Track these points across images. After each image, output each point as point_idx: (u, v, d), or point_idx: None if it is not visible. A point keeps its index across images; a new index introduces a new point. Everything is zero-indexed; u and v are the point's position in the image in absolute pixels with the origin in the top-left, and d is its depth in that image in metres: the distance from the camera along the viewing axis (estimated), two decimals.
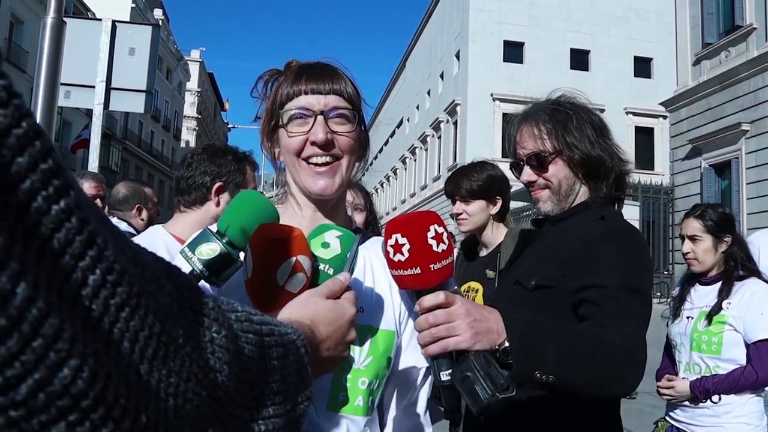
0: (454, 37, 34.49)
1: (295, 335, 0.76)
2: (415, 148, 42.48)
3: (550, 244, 1.83)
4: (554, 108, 1.87)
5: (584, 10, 32.42)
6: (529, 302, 1.74)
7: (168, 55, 48.92)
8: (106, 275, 0.44)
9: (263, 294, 1.02)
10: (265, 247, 1.01)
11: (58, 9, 4.90)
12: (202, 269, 1.08)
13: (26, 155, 0.39)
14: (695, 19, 19.53)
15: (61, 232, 0.41)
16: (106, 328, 0.44)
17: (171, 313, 0.54)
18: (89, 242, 0.43)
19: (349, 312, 0.95)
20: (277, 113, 1.31)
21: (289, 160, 1.31)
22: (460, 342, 1.20)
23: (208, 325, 0.60)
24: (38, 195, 0.40)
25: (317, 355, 0.83)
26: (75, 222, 0.42)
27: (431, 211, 1.22)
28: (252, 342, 0.66)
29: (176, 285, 0.59)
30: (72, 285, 0.42)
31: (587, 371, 1.38)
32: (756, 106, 16.97)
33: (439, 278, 1.19)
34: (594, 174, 1.82)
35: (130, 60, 5.57)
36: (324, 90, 1.28)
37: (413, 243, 1.15)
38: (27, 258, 0.38)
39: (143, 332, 0.47)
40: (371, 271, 1.37)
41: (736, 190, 17.58)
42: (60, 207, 0.41)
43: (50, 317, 0.38)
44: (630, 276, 1.61)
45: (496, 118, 30.81)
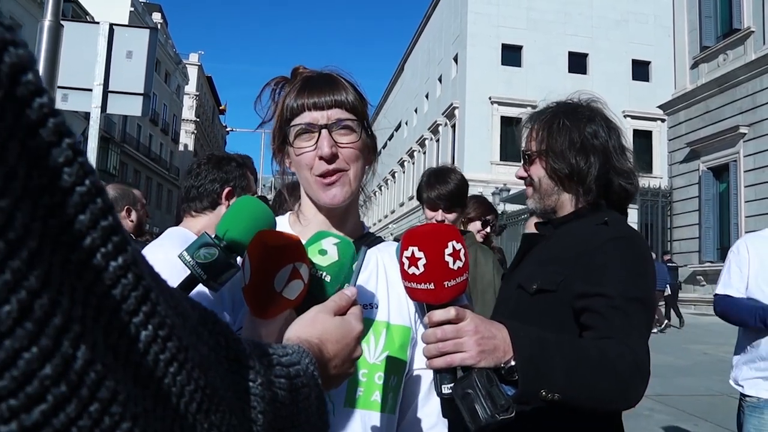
0: (452, 40, 34.56)
1: (312, 365, 0.76)
2: (414, 152, 42.52)
3: (552, 248, 1.83)
4: (553, 110, 1.91)
5: (582, 13, 32.50)
6: (531, 306, 1.74)
7: (166, 58, 48.97)
8: (158, 330, 0.44)
9: (261, 300, 1.01)
10: (262, 253, 1.00)
11: (56, 12, 4.90)
12: (200, 273, 1.09)
13: (88, 212, 0.39)
14: (693, 23, 19.58)
15: (117, 289, 0.41)
16: (155, 384, 0.44)
17: (211, 364, 0.54)
18: (144, 298, 0.43)
19: (356, 329, 0.95)
20: (284, 128, 1.34)
21: (302, 174, 1.35)
22: (466, 359, 1.20)
23: (245, 373, 0.60)
24: (98, 252, 0.40)
25: (325, 373, 0.83)
26: (131, 278, 0.42)
27: (451, 225, 1.21)
28: (284, 387, 0.67)
29: (212, 332, 0.59)
30: (125, 341, 0.42)
31: (593, 388, 1.38)
32: (754, 109, 17.01)
33: (452, 295, 1.18)
34: (569, 179, 1.83)
35: (128, 63, 5.56)
36: (326, 104, 1.30)
37: (430, 258, 1.14)
38: (86, 318, 0.38)
39: (189, 386, 0.47)
40: (384, 270, 1.39)
41: (734, 193, 17.60)
42: (118, 263, 0.41)
43: (106, 380, 0.38)
44: (634, 285, 1.60)
45: (495, 121, 30.87)
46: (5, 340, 0.33)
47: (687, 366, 9.49)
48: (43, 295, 0.34)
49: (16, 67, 0.34)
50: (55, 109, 0.38)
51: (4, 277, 0.32)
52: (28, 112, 0.36)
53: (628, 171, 1.85)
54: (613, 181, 1.83)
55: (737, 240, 3.68)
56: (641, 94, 31.48)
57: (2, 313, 0.32)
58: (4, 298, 0.32)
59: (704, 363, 9.72)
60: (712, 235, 18.60)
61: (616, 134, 1.88)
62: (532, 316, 1.73)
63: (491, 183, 27.52)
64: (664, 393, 8.21)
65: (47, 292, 0.35)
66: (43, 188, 0.36)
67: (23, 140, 0.35)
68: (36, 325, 0.34)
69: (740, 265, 3.46)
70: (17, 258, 0.33)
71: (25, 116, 0.35)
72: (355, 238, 1.42)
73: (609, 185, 1.83)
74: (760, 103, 16.78)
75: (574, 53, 32.39)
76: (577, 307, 1.63)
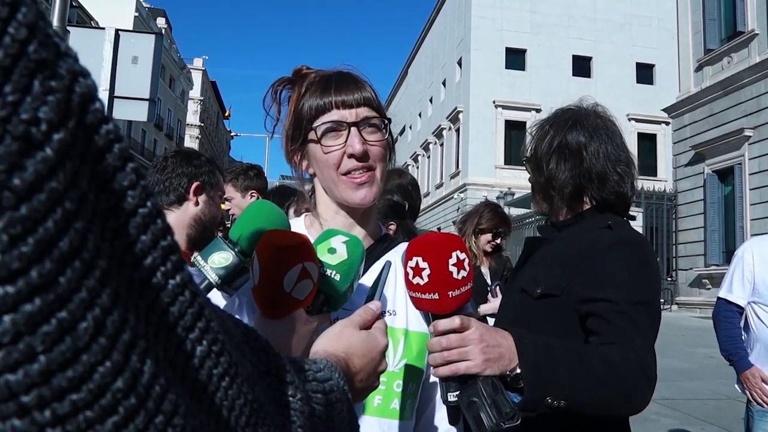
0: (456, 44, 34.59)
1: (342, 380, 0.77)
2: (418, 156, 42.55)
3: (555, 252, 1.83)
4: (551, 119, 1.93)
5: (586, 16, 32.50)
6: (535, 310, 1.74)
7: (171, 63, 49.11)
8: (212, 346, 0.46)
9: (270, 301, 1.02)
10: (271, 254, 1.00)
11: (62, 18, 4.93)
12: (215, 277, 1.09)
13: (149, 233, 0.41)
14: (697, 25, 19.55)
15: (176, 306, 0.43)
16: (208, 398, 0.46)
17: (255, 379, 0.55)
18: (199, 314, 0.45)
19: (382, 343, 0.95)
20: (305, 128, 1.31)
21: (327, 174, 1.31)
22: (471, 367, 1.20)
23: (285, 389, 0.61)
24: (158, 270, 0.42)
25: (351, 387, 0.84)
26: (188, 295, 0.44)
27: (455, 235, 1.22)
28: (321, 402, 0.68)
29: (254, 349, 0.61)
30: (182, 356, 0.44)
31: (598, 394, 1.38)
32: (759, 112, 16.95)
33: (456, 304, 1.18)
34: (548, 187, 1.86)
35: (134, 68, 5.59)
36: (355, 101, 1.28)
37: (434, 269, 1.14)
38: (149, 334, 0.40)
39: (239, 400, 0.49)
40: (401, 276, 1.37)
41: (739, 196, 17.55)
42: (176, 282, 0.43)
43: (169, 393, 0.40)
44: (639, 288, 1.60)
45: (498, 125, 30.87)
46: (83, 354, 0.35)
47: (693, 369, 9.45)
48: (114, 312, 0.36)
49: (86, 97, 0.37)
50: (120, 135, 0.40)
51: (81, 295, 0.34)
52: (96, 138, 0.38)
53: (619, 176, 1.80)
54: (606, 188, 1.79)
55: (743, 243, 3.68)
56: (645, 97, 31.43)
57: (80, 330, 0.34)
58: (81, 315, 0.34)
59: (710, 366, 9.68)
60: (718, 238, 18.52)
61: (605, 138, 1.82)
62: (537, 320, 1.73)
63: (496, 187, 27.53)
64: (670, 397, 8.18)
65: (117, 309, 0.37)
66: (109, 211, 0.39)
67: (92, 165, 0.37)
68: (109, 341, 0.36)
69: (744, 271, 3.47)
70: (91, 277, 0.35)
71: (93, 143, 0.38)
72: (375, 240, 1.41)
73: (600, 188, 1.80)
74: (765, 105, 16.72)
75: (578, 56, 32.38)
76: (582, 312, 1.63)
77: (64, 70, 0.35)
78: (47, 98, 0.34)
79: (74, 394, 0.34)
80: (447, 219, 32.40)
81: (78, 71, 0.37)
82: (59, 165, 0.34)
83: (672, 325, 15.21)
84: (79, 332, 0.34)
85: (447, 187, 34.74)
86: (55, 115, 0.34)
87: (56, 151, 0.34)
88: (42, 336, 0.33)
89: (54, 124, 0.34)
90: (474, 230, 4.49)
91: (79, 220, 0.35)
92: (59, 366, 0.34)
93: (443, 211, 34.45)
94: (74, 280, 0.34)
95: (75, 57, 0.37)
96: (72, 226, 0.34)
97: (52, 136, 0.34)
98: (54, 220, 0.33)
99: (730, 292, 3.55)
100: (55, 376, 0.34)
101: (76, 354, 0.34)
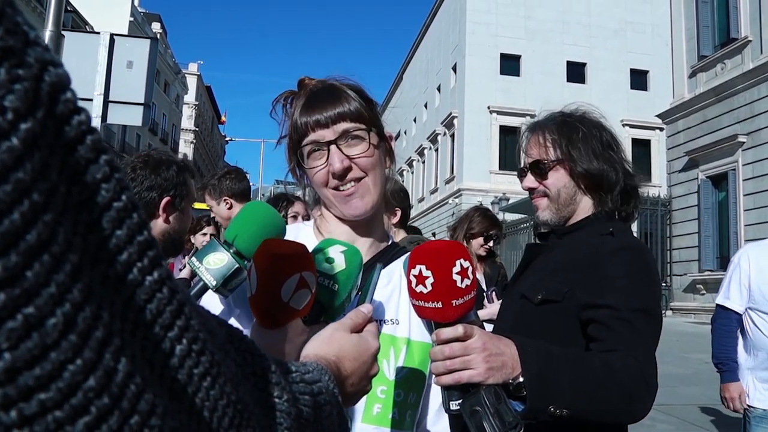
0: (451, 50, 34.67)
1: (332, 383, 0.76)
2: (413, 161, 42.58)
3: (556, 258, 1.82)
4: (563, 120, 1.90)
5: (580, 23, 32.64)
6: (536, 316, 1.73)
7: (166, 68, 49.05)
8: (192, 344, 0.45)
9: (267, 311, 1.00)
10: (269, 263, 0.99)
11: (57, 22, 4.91)
12: (210, 278, 1.08)
13: (125, 228, 0.40)
14: (691, 32, 19.63)
15: (153, 303, 0.42)
16: (189, 398, 0.45)
17: (240, 379, 0.54)
18: (178, 312, 0.44)
19: (373, 346, 0.94)
20: (295, 148, 1.32)
21: (320, 191, 1.33)
22: (474, 376, 1.20)
23: (271, 390, 0.60)
24: (134, 266, 0.41)
25: (342, 390, 0.83)
26: (166, 292, 0.43)
27: (458, 243, 1.20)
28: (308, 404, 0.67)
29: (239, 350, 0.59)
30: (160, 355, 0.43)
31: (600, 402, 1.38)
32: (752, 118, 17.03)
33: (459, 313, 1.18)
34: (597, 186, 1.81)
35: (128, 73, 5.58)
36: (330, 119, 1.27)
37: (437, 277, 1.13)
38: (125, 332, 0.39)
39: (222, 401, 0.48)
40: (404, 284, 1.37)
41: (733, 202, 17.60)
42: (153, 278, 0.42)
43: (146, 393, 0.39)
44: (640, 296, 1.60)
45: (493, 130, 30.94)
46: (51, 352, 0.33)
47: (688, 375, 9.46)
48: (85, 309, 0.35)
49: (56, 86, 0.36)
50: (93, 127, 0.39)
51: (50, 290, 0.33)
52: (67, 129, 0.37)
53: (639, 177, 1.88)
54: (635, 187, 1.86)
55: (738, 249, 3.71)
56: (640, 103, 31.57)
57: (48, 326, 0.33)
58: (50, 311, 0.33)
59: (705, 372, 9.68)
60: (712, 243, 18.56)
61: (620, 143, 1.90)
62: (538, 326, 1.72)
63: (490, 192, 27.56)
64: (666, 403, 8.17)
65: (89, 305, 0.35)
66: (82, 204, 0.38)
67: (63, 157, 0.36)
68: (80, 338, 0.35)
69: (741, 277, 3.50)
70: (61, 272, 0.34)
71: (64, 133, 0.37)
72: (382, 248, 1.41)
73: (632, 192, 1.85)
74: (758, 111, 16.80)
75: (572, 63, 32.51)
76: (584, 318, 1.62)
77: (32, 59, 0.34)
78: (14, 87, 0.33)
79: (42, 394, 0.33)
80: (441, 224, 32.40)
81: (48, 60, 0.36)
82: (26, 155, 0.33)
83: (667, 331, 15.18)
84: (47, 328, 0.33)
85: (442, 192, 34.76)
86: (22, 104, 0.33)
87: (23, 141, 0.33)
88: (7, 332, 0.32)
89: (21, 113, 0.33)
90: (465, 235, 4.50)
91: (48, 212, 0.34)
92: (26, 364, 0.32)
93: (438, 216, 34.45)
94: (42, 274, 0.33)
95: (45, 47, 0.36)
96: (40, 219, 0.33)
97: (19, 126, 0.32)
98: (20, 212, 0.32)
99: (728, 299, 3.57)
100: (21, 375, 0.32)
101: (44, 351, 0.33)
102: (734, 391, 3.52)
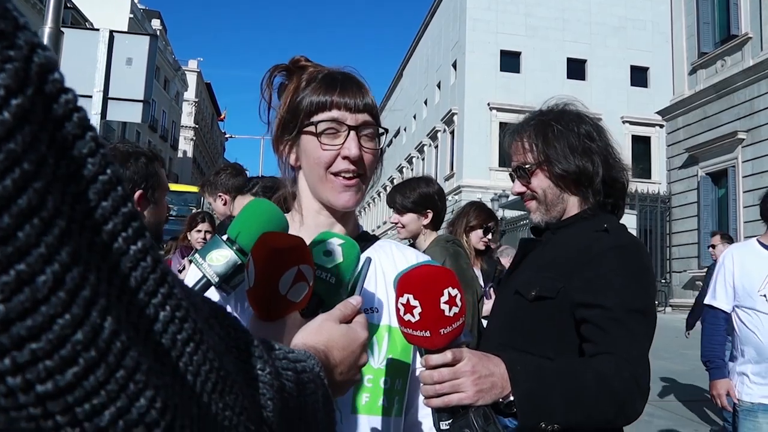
0: (451, 46, 34.62)
1: (318, 367, 0.78)
2: (413, 158, 42.53)
3: (550, 254, 1.82)
4: (539, 120, 1.89)
5: (581, 20, 32.58)
6: (529, 313, 1.74)
7: (166, 65, 48.99)
8: (175, 311, 0.48)
9: (266, 304, 1.01)
10: (267, 256, 1.00)
11: (56, 19, 4.91)
12: (213, 275, 1.09)
13: (110, 200, 0.43)
14: (691, 29, 19.61)
15: (138, 271, 0.45)
16: (173, 362, 0.47)
17: (223, 351, 0.57)
18: (161, 280, 0.47)
19: (362, 336, 0.96)
20: (302, 120, 1.29)
21: (315, 171, 1.29)
22: (463, 399, 1.21)
23: (254, 362, 0.63)
24: (119, 236, 0.44)
25: (331, 379, 0.85)
26: (150, 261, 0.46)
27: (447, 269, 1.19)
28: (291, 379, 0.69)
29: (223, 325, 0.62)
30: (145, 320, 0.45)
31: (592, 413, 1.39)
32: (752, 115, 17.01)
33: (448, 340, 1.18)
34: (578, 183, 1.82)
35: (128, 70, 5.58)
36: (358, 106, 1.27)
37: (425, 308, 1.13)
38: (111, 294, 0.42)
39: (205, 366, 0.50)
40: (382, 272, 1.37)
41: (732, 199, 17.59)
42: (138, 247, 0.45)
43: (131, 350, 0.42)
44: (635, 296, 1.60)
45: (493, 127, 30.88)
46: (42, 306, 0.37)
47: (685, 371, 9.47)
48: (73, 269, 0.38)
49: (44, 67, 0.39)
50: (80, 106, 0.42)
51: (40, 250, 0.37)
52: (55, 107, 0.39)
53: (623, 165, 1.87)
54: (617, 179, 1.85)
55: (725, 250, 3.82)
56: (640, 100, 31.52)
57: (38, 282, 0.36)
58: (40, 268, 0.37)
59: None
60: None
61: (603, 131, 1.89)
62: (531, 323, 1.73)
63: (490, 189, 27.52)
64: (663, 398, 8.20)
65: (77, 267, 0.39)
66: (70, 177, 0.40)
67: (51, 132, 0.39)
68: (68, 295, 0.38)
69: (725, 276, 3.63)
70: (50, 234, 0.37)
71: (53, 110, 0.39)
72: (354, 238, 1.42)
73: (613, 183, 1.84)
74: (758, 108, 16.78)
75: (572, 59, 32.44)
76: (577, 317, 1.62)
77: (22, 41, 0.37)
78: (5, 66, 0.35)
79: (33, 343, 0.36)
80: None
81: (36, 43, 0.38)
82: (17, 128, 0.36)
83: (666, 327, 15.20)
84: (38, 284, 0.36)
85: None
86: (13, 82, 0.36)
87: (14, 115, 0.35)
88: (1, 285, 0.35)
89: (12, 89, 0.35)
90: (465, 228, 4.53)
91: (38, 181, 0.37)
92: (18, 315, 0.36)
93: None
94: (33, 235, 0.36)
95: (34, 32, 0.39)
96: (31, 186, 0.36)
97: (10, 101, 0.35)
98: (12, 179, 0.35)
99: (714, 298, 3.71)
100: (14, 325, 0.36)
101: (35, 305, 0.36)
102: (721, 388, 3.66)
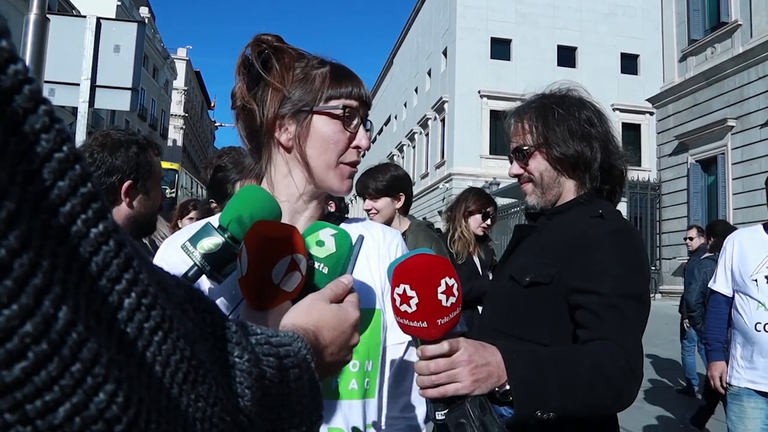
0: (441, 34, 34.51)
1: (305, 349, 0.75)
2: (403, 146, 42.49)
3: (545, 240, 1.82)
4: (541, 102, 1.89)
5: (571, 7, 32.54)
6: (524, 298, 1.73)
7: (154, 53, 48.61)
8: (141, 298, 0.44)
9: (258, 293, 1.00)
10: (260, 245, 0.98)
11: (42, 6, 4.84)
12: (204, 263, 1.07)
13: (67, 179, 0.39)
14: (681, 16, 19.62)
15: (99, 256, 0.41)
16: (139, 352, 0.44)
17: (196, 338, 0.54)
18: (126, 265, 0.43)
19: (353, 316, 0.94)
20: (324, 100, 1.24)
21: (325, 156, 1.25)
22: (460, 389, 1.20)
23: (231, 349, 0.59)
24: (78, 218, 0.40)
25: (321, 360, 0.83)
26: (112, 245, 0.42)
27: (443, 258, 1.18)
28: (272, 365, 0.66)
29: (198, 310, 0.58)
30: (108, 308, 0.42)
31: (587, 400, 1.39)
32: (741, 102, 17.07)
33: (445, 330, 1.17)
34: (575, 167, 1.82)
35: (116, 57, 5.51)
36: (369, 100, 1.31)
37: (422, 297, 1.11)
38: (68, 281, 0.38)
39: (175, 356, 0.47)
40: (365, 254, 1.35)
41: (722, 186, 17.68)
42: (99, 230, 0.41)
43: (89, 342, 0.38)
44: (630, 281, 1.59)
45: (484, 115, 30.89)
46: None
47: (677, 358, 9.56)
48: (22, 255, 0.35)
49: None
50: (32, 77, 0.38)
51: None
52: (2, 78, 0.35)
53: (622, 153, 1.87)
54: (615, 165, 1.85)
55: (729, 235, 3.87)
56: (630, 88, 31.57)
57: None
58: None
59: None
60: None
61: (605, 118, 1.89)
62: (526, 308, 1.72)
63: (481, 177, 27.58)
64: (655, 385, 8.26)
65: (26, 252, 0.35)
66: (20, 154, 0.37)
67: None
68: (15, 284, 0.34)
69: (725, 261, 3.68)
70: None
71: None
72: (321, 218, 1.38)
73: (610, 169, 1.84)
74: (748, 96, 16.84)
75: (563, 47, 32.43)
76: (572, 303, 1.62)
77: None
78: None
79: None
80: (432, 209, 32.43)
81: None
82: None
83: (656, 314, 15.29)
84: None
85: (432, 177, 34.73)
86: None
87: None
88: None
89: None
90: (464, 214, 4.55)
91: None
92: None
93: (428, 201, 34.46)
94: None
95: None
96: None
97: None
98: None
99: (715, 282, 3.76)
100: None
101: None
102: (715, 370, 3.75)
